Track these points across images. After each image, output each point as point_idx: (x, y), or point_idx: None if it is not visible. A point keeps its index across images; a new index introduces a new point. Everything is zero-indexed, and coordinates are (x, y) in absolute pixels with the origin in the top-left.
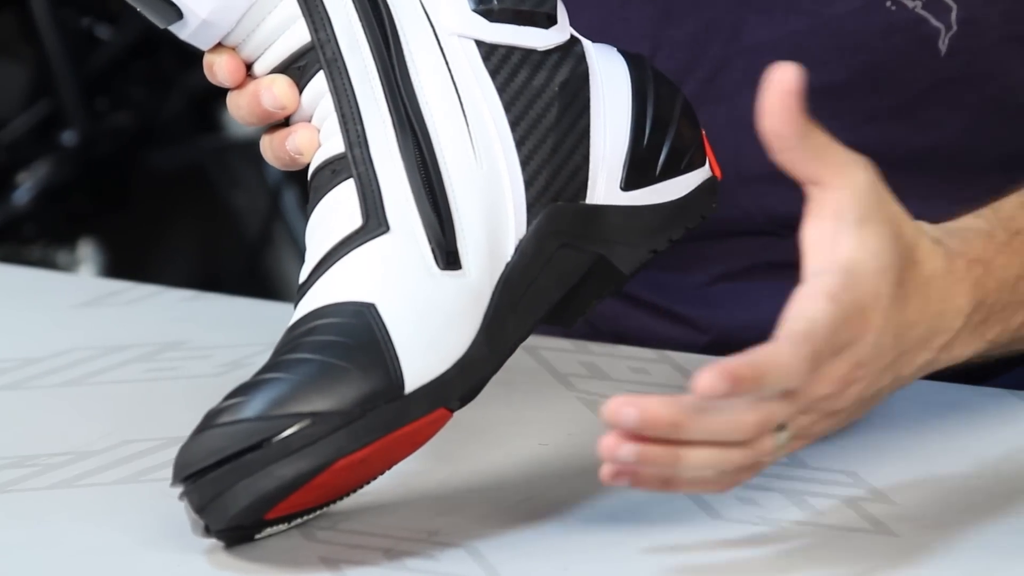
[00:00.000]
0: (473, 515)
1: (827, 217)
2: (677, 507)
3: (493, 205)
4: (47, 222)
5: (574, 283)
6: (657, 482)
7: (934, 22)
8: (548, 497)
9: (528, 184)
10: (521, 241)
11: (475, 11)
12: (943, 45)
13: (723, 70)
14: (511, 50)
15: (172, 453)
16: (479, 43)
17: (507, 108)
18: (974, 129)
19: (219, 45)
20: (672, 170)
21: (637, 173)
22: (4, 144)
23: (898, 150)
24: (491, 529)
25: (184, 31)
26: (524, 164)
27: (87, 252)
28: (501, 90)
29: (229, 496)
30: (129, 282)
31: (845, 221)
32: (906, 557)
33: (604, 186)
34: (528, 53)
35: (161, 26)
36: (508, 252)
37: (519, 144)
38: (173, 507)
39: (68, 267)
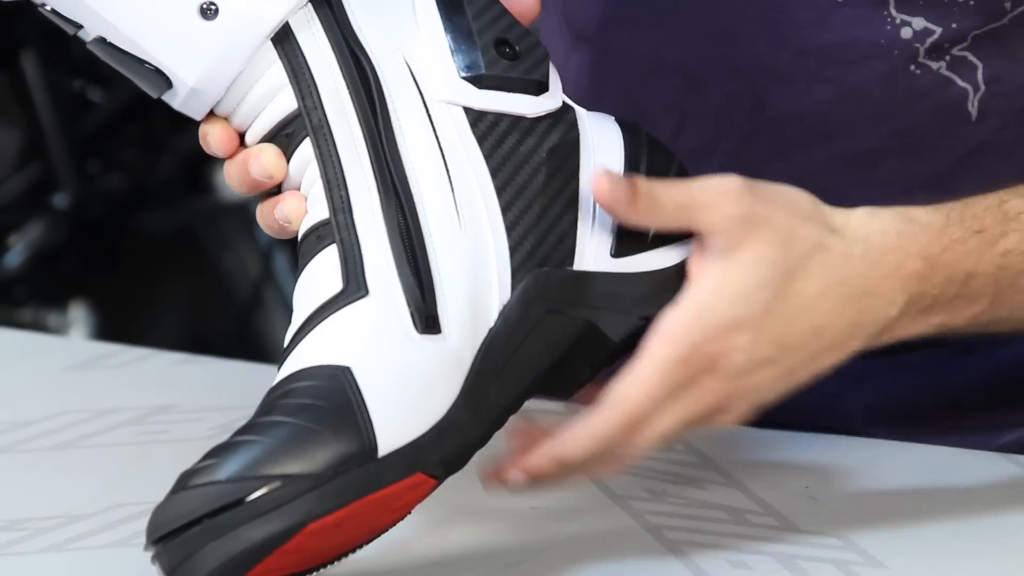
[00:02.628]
0: None
1: (697, 252)
2: (667, 571)
3: (476, 270)
4: (38, 284)
5: (563, 350)
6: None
7: (960, 83)
8: (539, 562)
9: (513, 250)
10: (505, 306)
11: (464, 78)
12: (973, 108)
13: (749, 141)
14: (500, 116)
15: None
16: (467, 109)
17: (494, 174)
18: None
19: (212, 115)
20: (664, 238)
21: (628, 240)
22: None
23: None
24: None
25: (175, 100)
26: (510, 230)
27: (78, 314)
28: (488, 156)
29: (198, 558)
30: (120, 345)
31: (710, 254)
32: None
33: (593, 252)
34: (517, 120)
35: (153, 95)
36: (491, 317)
37: (505, 209)
38: None
39: (59, 329)
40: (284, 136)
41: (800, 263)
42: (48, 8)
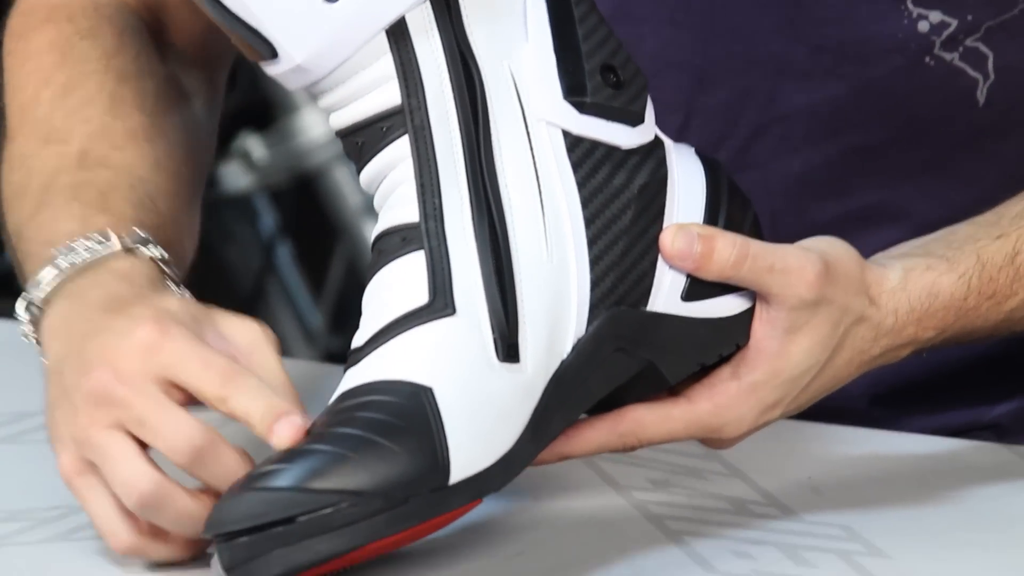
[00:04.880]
0: (466, 569)
1: (764, 322)
2: (670, 560)
3: (557, 301)
4: None
5: (620, 384)
6: None
7: (972, 72)
8: (541, 551)
9: (594, 284)
10: (579, 341)
11: (567, 100)
12: (981, 95)
13: (758, 137)
14: (596, 144)
15: None
16: (566, 133)
17: (584, 204)
18: (1010, 181)
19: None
20: (733, 286)
21: (699, 285)
22: None
23: (936, 207)
24: None
25: (274, 70)
26: (593, 264)
27: None
28: (581, 185)
29: (262, 561)
30: None
31: (772, 328)
32: None
33: (665, 294)
34: (612, 150)
35: (250, 59)
36: (565, 350)
37: (591, 243)
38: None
39: None
40: (378, 129)
41: (842, 339)
42: None
